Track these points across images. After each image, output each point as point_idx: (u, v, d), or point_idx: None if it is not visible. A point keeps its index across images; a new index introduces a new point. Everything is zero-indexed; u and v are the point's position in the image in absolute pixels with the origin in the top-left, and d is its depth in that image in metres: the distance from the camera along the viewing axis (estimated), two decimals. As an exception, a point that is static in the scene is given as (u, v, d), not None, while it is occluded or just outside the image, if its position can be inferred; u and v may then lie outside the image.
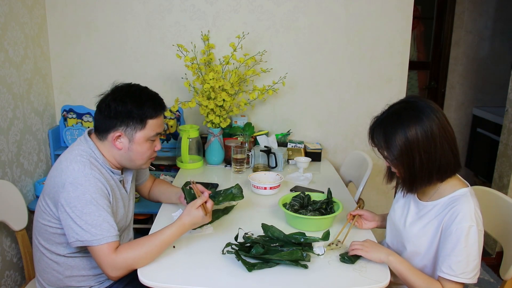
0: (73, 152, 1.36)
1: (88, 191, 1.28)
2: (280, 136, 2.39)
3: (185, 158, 2.17)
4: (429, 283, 1.24)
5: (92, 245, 1.26)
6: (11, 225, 1.65)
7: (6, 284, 1.89)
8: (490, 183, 2.92)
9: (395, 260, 1.28)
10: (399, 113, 1.27)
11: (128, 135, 1.38)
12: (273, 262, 1.28)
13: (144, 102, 1.37)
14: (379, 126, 1.30)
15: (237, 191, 1.61)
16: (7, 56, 1.89)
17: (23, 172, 2.03)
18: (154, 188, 1.76)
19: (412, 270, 1.27)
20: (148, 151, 1.43)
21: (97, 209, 1.28)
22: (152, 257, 1.29)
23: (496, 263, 2.65)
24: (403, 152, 1.24)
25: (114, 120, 1.36)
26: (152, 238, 1.31)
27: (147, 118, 1.38)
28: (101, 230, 1.26)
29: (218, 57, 2.32)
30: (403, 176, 1.31)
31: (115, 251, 1.27)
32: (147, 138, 1.40)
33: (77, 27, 2.32)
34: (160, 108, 1.41)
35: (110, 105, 1.36)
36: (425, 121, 1.22)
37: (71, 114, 2.35)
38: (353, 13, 2.36)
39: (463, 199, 1.25)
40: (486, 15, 3.70)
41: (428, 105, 1.25)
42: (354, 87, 2.48)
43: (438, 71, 3.83)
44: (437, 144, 1.22)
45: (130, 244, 1.30)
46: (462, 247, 1.19)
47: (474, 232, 1.19)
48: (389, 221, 1.49)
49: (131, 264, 1.27)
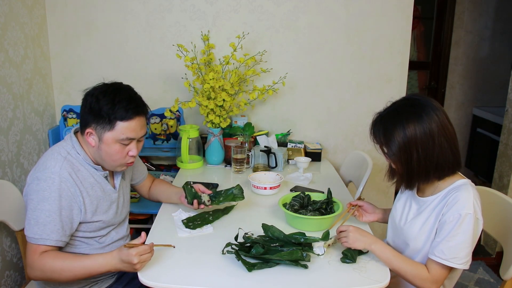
0: (55, 149, 1.38)
1: (48, 189, 1.29)
2: (280, 136, 2.39)
3: (185, 158, 2.17)
4: (415, 267, 1.27)
5: (29, 242, 1.29)
6: (11, 225, 1.64)
7: (6, 284, 1.89)
8: (490, 183, 2.92)
9: (378, 248, 1.30)
10: (400, 110, 1.28)
11: (97, 133, 1.34)
12: (273, 262, 1.28)
13: (116, 102, 1.31)
14: (380, 122, 1.31)
15: (238, 191, 1.61)
16: (7, 56, 1.89)
17: (23, 172, 2.03)
18: (153, 188, 1.76)
19: (396, 256, 1.29)
20: (118, 154, 1.36)
21: (50, 208, 1.28)
22: (65, 276, 1.26)
23: (496, 263, 2.65)
24: (401, 149, 1.25)
25: (88, 115, 1.35)
26: (76, 258, 1.30)
27: (116, 120, 1.31)
28: (43, 230, 1.28)
29: (218, 57, 2.32)
30: (401, 172, 1.31)
31: (41, 253, 1.28)
32: (117, 140, 1.33)
33: (77, 27, 2.32)
34: (133, 112, 1.33)
35: (87, 99, 1.35)
36: (424, 119, 1.23)
37: (71, 114, 2.35)
38: (353, 13, 2.36)
39: (463, 187, 1.26)
40: (486, 15, 3.70)
41: (429, 103, 1.26)
42: (354, 87, 2.48)
43: (438, 71, 3.83)
44: (435, 142, 1.23)
45: (58, 254, 1.30)
46: (457, 232, 1.21)
47: (470, 219, 1.20)
48: (390, 220, 1.50)
49: (45, 272, 1.27)
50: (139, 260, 1.19)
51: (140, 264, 1.20)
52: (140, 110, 1.36)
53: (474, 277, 2.52)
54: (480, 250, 2.84)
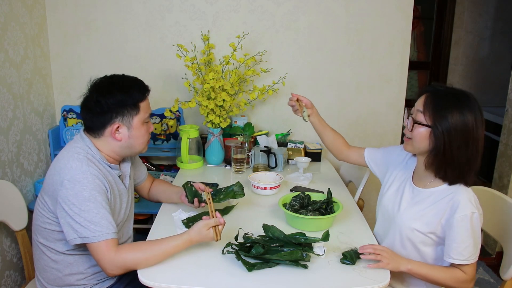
0: (71, 150, 1.36)
1: (86, 188, 1.28)
2: (280, 136, 2.39)
3: (185, 158, 2.17)
4: (452, 273, 1.31)
5: (92, 242, 1.26)
6: (11, 225, 1.65)
7: (6, 284, 1.89)
8: (490, 183, 2.92)
9: (415, 267, 1.32)
10: (460, 97, 1.29)
11: (126, 123, 1.39)
12: (273, 262, 1.28)
13: (130, 88, 1.40)
14: (437, 96, 1.30)
15: (238, 188, 1.62)
16: (7, 56, 1.89)
17: (23, 172, 2.03)
18: (153, 188, 1.76)
19: (432, 268, 1.33)
20: (146, 134, 1.46)
21: (95, 206, 1.28)
22: (151, 263, 1.28)
23: (496, 263, 2.65)
24: (449, 130, 1.25)
25: (108, 114, 1.37)
26: (155, 245, 1.30)
27: (138, 102, 1.40)
28: (100, 227, 1.26)
29: (218, 57, 2.32)
30: (428, 150, 1.32)
31: (115, 248, 1.27)
32: (143, 121, 1.43)
33: (77, 27, 2.32)
34: (146, 90, 1.44)
35: (100, 100, 1.36)
36: (479, 119, 1.26)
37: (71, 114, 2.35)
38: (353, 13, 2.36)
39: (460, 188, 1.32)
40: (486, 15, 3.70)
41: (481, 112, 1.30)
42: (354, 87, 2.48)
43: (438, 71, 3.83)
44: (474, 143, 1.26)
45: (132, 246, 1.30)
46: (469, 233, 1.27)
47: (476, 217, 1.27)
48: (381, 209, 1.53)
49: (129, 266, 1.27)
50: (217, 235, 1.30)
51: (214, 232, 1.30)
52: (146, 86, 1.46)
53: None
54: (480, 250, 2.83)
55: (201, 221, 1.33)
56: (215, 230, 1.32)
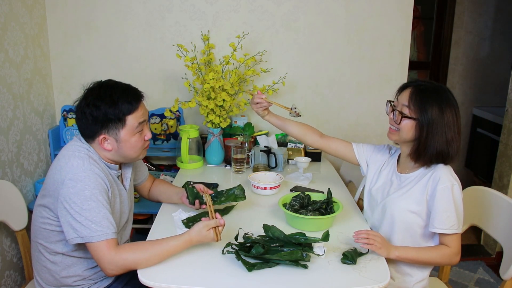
0: (71, 149, 1.36)
1: (88, 187, 1.28)
2: (280, 136, 2.39)
3: (185, 158, 2.17)
4: (437, 250, 1.40)
5: (92, 241, 1.26)
6: (11, 225, 1.65)
7: (6, 284, 1.89)
8: (490, 183, 2.92)
9: (402, 252, 1.38)
10: (440, 92, 1.40)
11: (112, 135, 1.36)
12: (273, 262, 1.28)
13: (117, 100, 1.33)
14: (419, 91, 1.40)
15: (240, 191, 1.62)
16: (7, 56, 1.89)
17: (23, 172, 2.03)
18: (154, 188, 1.76)
19: (419, 250, 1.41)
20: (138, 143, 1.41)
21: (96, 205, 1.28)
22: (152, 263, 1.28)
23: (496, 263, 2.65)
24: (430, 123, 1.37)
25: (93, 125, 1.35)
26: (155, 245, 1.30)
27: (124, 115, 1.35)
28: (101, 226, 1.26)
29: (218, 57, 2.32)
30: (412, 140, 1.43)
31: (116, 248, 1.27)
32: (133, 132, 1.38)
33: (77, 27, 2.32)
34: (135, 100, 1.37)
35: (85, 112, 1.34)
36: (456, 110, 1.40)
37: (71, 114, 2.35)
38: (353, 13, 2.36)
39: (439, 166, 1.42)
40: (486, 15, 3.70)
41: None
42: (354, 87, 2.48)
43: (438, 71, 3.83)
44: (452, 132, 1.38)
45: (132, 245, 1.30)
46: (451, 203, 1.36)
47: (457, 189, 1.37)
48: (369, 199, 1.62)
49: (129, 266, 1.27)
50: (217, 236, 1.31)
51: (214, 233, 1.31)
52: (139, 95, 1.40)
53: (474, 277, 2.52)
54: (480, 250, 2.84)
55: (201, 221, 1.33)
56: (215, 231, 1.32)
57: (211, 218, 1.36)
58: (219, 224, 1.33)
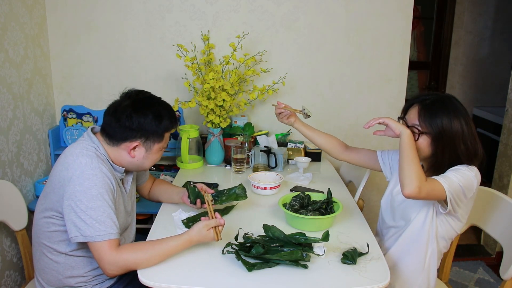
0: (79, 147, 1.36)
1: (95, 186, 1.28)
2: (280, 136, 2.39)
3: (185, 158, 2.17)
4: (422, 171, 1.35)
5: (94, 241, 1.26)
6: (11, 225, 1.65)
7: (6, 284, 1.89)
8: (490, 183, 2.92)
9: (409, 136, 1.39)
10: (447, 103, 1.40)
11: (145, 146, 1.40)
12: (273, 262, 1.28)
13: (163, 116, 1.40)
14: (427, 107, 1.41)
15: (241, 191, 1.62)
16: (7, 56, 1.89)
17: (23, 172, 2.03)
18: (154, 188, 1.76)
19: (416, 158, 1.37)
20: (159, 158, 1.49)
21: (102, 204, 1.28)
22: (152, 263, 1.28)
23: (496, 263, 2.65)
24: (443, 134, 1.37)
25: (134, 131, 1.37)
26: (156, 245, 1.30)
27: (165, 132, 1.42)
28: (105, 226, 1.26)
29: (218, 57, 2.32)
30: (430, 154, 1.43)
31: (116, 249, 1.27)
32: (162, 148, 1.46)
33: (77, 27, 2.32)
34: (176, 121, 1.47)
35: (132, 116, 1.35)
36: (465, 120, 1.39)
37: (71, 114, 2.35)
38: (353, 13, 2.36)
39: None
40: (486, 15, 3.70)
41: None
42: (354, 87, 2.48)
43: (438, 71, 3.83)
44: (463, 140, 1.38)
45: (133, 246, 1.30)
46: (460, 172, 1.36)
47: (475, 171, 1.37)
48: (387, 205, 1.61)
49: (130, 266, 1.27)
50: (217, 236, 1.32)
51: (214, 232, 1.32)
52: (177, 118, 1.50)
53: (474, 277, 2.52)
54: (480, 250, 2.84)
55: (201, 221, 1.33)
56: (215, 231, 1.32)
57: (210, 218, 1.36)
58: (219, 223, 1.34)
